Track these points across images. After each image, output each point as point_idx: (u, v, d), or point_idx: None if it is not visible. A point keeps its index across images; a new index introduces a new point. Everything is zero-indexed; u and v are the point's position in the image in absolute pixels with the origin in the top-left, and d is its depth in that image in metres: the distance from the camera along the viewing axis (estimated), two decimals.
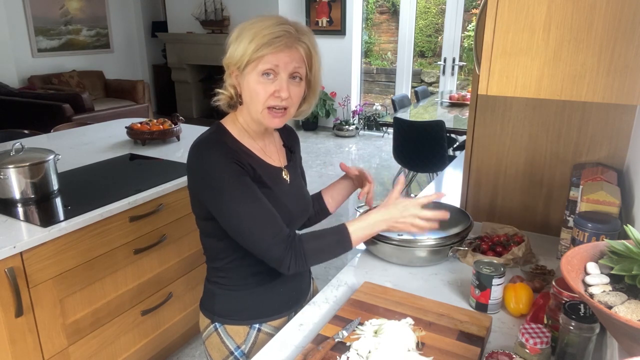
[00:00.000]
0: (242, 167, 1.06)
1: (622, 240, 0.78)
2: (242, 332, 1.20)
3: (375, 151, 6.22)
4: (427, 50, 7.38)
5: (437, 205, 1.59)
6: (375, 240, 1.37)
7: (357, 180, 1.35)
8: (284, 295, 1.23)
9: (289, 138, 1.29)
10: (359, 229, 1.10)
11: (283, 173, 1.20)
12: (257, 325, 1.20)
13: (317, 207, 1.36)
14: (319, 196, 1.38)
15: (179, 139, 2.78)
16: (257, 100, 1.05)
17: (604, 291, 0.73)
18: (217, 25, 6.85)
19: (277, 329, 1.21)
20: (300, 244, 1.07)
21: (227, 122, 1.15)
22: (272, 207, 1.08)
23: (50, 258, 1.67)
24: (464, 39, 6.24)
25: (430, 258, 1.36)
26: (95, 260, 1.84)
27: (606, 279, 0.75)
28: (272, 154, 1.20)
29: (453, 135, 4.19)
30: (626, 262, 0.74)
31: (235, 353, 1.20)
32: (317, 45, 1.11)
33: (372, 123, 7.02)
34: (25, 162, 1.84)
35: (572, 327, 0.87)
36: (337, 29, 6.69)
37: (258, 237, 1.05)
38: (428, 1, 7.19)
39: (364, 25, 7.00)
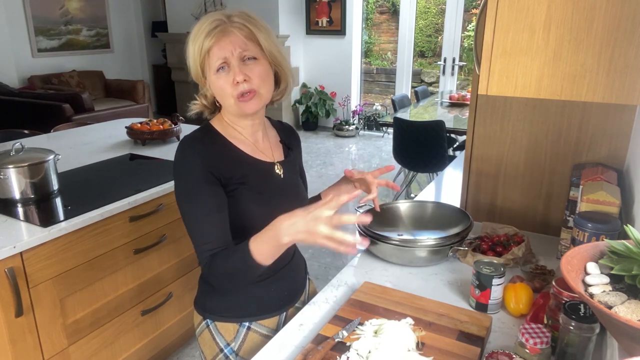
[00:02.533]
0: (211, 173, 1.07)
1: (622, 240, 0.78)
2: (232, 329, 1.20)
3: (375, 151, 6.22)
4: (427, 50, 7.38)
5: (437, 206, 1.60)
6: (375, 240, 1.37)
7: (359, 182, 1.31)
8: (275, 295, 1.23)
9: (287, 135, 1.30)
10: (261, 243, 0.98)
11: (276, 168, 1.20)
12: (246, 324, 1.20)
13: None
14: (318, 199, 1.37)
15: (179, 139, 2.77)
16: (224, 95, 1.08)
17: (604, 291, 0.73)
18: None
19: (268, 328, 1.22)
20: (215, 261, 1.04)
21: (215, 121, 1.18)
22: (223, 220, 1.07)
23: (50, 258, 1.67)
24: (464, 39, 6.24)
25: (430, 258, 1.36)
26: (95, 260, 1.84)
27: (606, 279, 0.75)
28: (265, 150, 1.20)
29: (453, 135, 4.19)
30: (626, 262, 0.74)
31: (225, 350, 1.21)
32: (261, 22, 1.10)
33: (372, 123, 7.02)
34: (25, 162, 1.84)
35: (572, 327, 0.87)
36: (337, 29, 6.69)
37: (194, 242, 1.09)
38: (428, 1, 7.19)
39: (364, 25, 7.00)
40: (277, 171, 1.20)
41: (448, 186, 2.17)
